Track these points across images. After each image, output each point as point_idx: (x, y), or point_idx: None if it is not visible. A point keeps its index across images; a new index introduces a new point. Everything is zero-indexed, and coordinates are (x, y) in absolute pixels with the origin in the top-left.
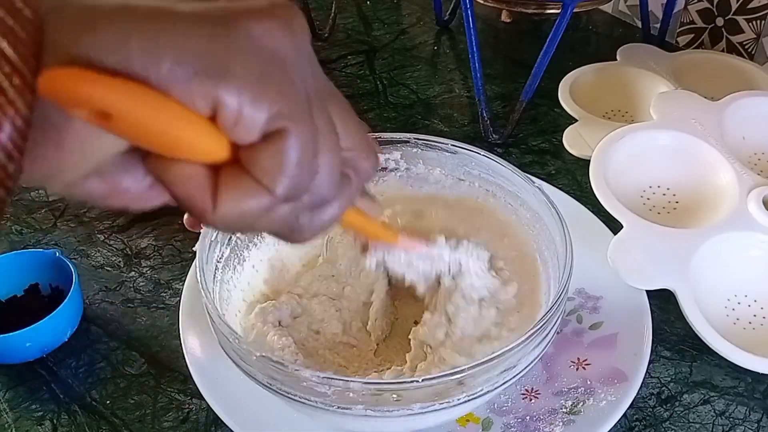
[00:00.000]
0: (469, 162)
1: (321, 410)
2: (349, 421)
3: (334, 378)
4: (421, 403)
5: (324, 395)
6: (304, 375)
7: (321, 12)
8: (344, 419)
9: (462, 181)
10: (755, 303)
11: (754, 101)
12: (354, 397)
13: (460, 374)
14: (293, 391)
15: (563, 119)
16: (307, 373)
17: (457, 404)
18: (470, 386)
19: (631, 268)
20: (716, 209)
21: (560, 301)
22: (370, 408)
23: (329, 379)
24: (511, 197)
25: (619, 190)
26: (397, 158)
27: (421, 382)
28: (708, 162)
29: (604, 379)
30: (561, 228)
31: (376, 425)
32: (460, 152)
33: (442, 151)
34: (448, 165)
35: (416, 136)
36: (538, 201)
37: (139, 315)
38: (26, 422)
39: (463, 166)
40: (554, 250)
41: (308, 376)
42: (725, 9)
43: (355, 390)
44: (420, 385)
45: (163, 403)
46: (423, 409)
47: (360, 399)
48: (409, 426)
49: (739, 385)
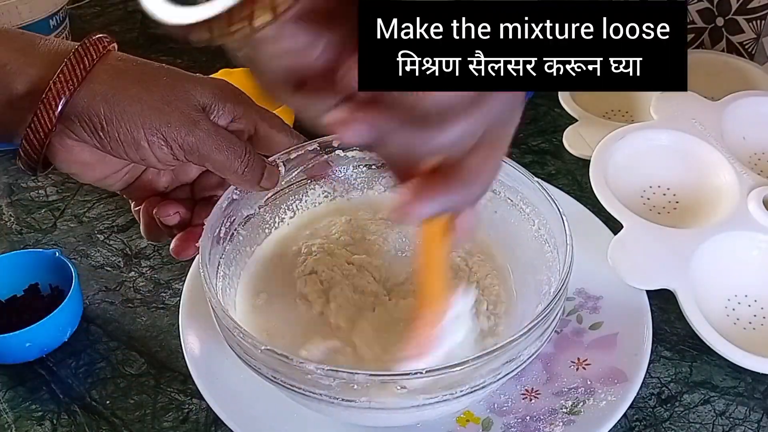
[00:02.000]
0: None
1: (325, 403)
2: (354, 414)
3: (339, 370)
4: (426, 394)
5: (329, 387)
6: (308, 368)
7: None
8: (349, 412)
9: None
10: (755, 303)
11: (754, 101)
12: (359, 390)
13: (462, 366)
14: (297, 383)
15: (563, 119)
16: (312, 366)
17: (460, 395)
18: (473, 378)
19: (631, 268)
20: (716, 209)
21: (563, 288)
22: (375, 400)
23: (334, 371)
24: (511, 192)
25: (619, 190)
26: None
27: (424, 373)
28: (708, 162)
29: (604, 379)
30: (561, 221)
31: (381, 418)
32: None
33: None
34: None
35: None
36: (538, 197)
37: (138, 315)
38: (26, 422)
39: None
40: (554, 243)
41: (313, 369)
42: (725, 9)
43: (359, 382)
44: (424, 376)
45: (162, 403)
46: (427, 401)
47: (364, 391)
48: (411, 418)
49: (739, 385)
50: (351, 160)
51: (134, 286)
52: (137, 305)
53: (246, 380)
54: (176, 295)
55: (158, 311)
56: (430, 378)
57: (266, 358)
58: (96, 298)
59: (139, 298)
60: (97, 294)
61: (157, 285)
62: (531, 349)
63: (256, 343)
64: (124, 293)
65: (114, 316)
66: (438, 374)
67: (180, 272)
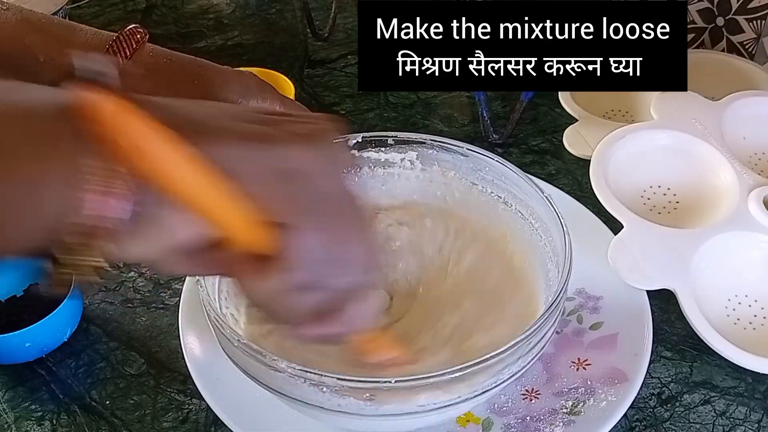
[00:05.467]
0: (479, 164)
1: (300, 404)
2: (353, 421)
3: (309, 371)
4: (425, 396)
5: (300, 388)
6: (280, 366)
7: (321, 12)
8: (350, 419)
9: (474, 185)
10: (756, 303)
11: (755, 101)
12: (353, 397)
13: (461, 371)
14: (268, 382)
15: (563, 119)
16: (283, 364)
17: (458, 402)
18: (470, 384)
19: (632, 268)
20: (716, 209)
21: (563, 290)
22: (372, 405)
23: (303, 371)
24: (511, 196)
25: (619, 190)
26: (413, 158)
27: (423, 378)
28: (708, 162)
29: (604, 380)
30: (559, 224)
31: (374, 425)
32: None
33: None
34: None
35: (432, 138)
36: (535, 200)
37: (138, 315)
38: (26, 422)
39: (476, 171)
40: (552, 246)
41: (284, 367)
42: (725, 9)
43: (328, 385)
44: (424, 378)
45: (162, 404)
46: (423, 407)
47: (358, 396)
48: (408, 425)
49: (740, 386)
50: (366, 161)
51: (134, 286)
52: (137, 305)
53: (246, 380)
54: (176, 295)
55: (158, 311)
56: (431, 382)
57: (241, 354)
58: (96, 298)
59: (138, 298)
60: (97, 294)
61: (156, 285)
62: (532, 353)
63: (233, 336)
64: (123, 293)
65: (114, 316)
66: (439, 379)
67: None
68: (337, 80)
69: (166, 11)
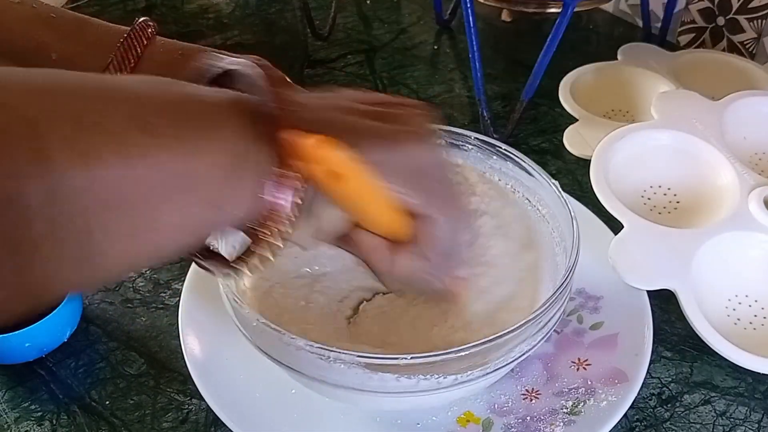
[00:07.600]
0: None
1: (318, 382)
2: (375, 399)
3: (328, 349)
4: (452, 373)
5: (320, 367)
6: (299, 344)
7: (321, 11)
8: (375, 398)
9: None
10: (756, 303)
11: (755, 101)
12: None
13: (474, 348)
14: (285, 359)
15: (564, 119)
16: (302, 342)
17: (470, 380)
18: (481, 361)
19: (632, 268)
20: (717, 209)
21: (569, 276)
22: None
23: (322, 349)
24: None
25: (619, 190)
26: None
27: (443, 354)
28: (709, 162)
29: (604, 380)
30: (566, 209)
31: (380, 402)
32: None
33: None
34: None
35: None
36: (551, 197)
37: (138, 315)
38: (26, 422)
39: (485, 161)
40: (560, 231)
41: (302, 345)
42: (726, 8)
43: (347, 362)
44: (445, 355)
45: (162, 404)
46: (433, 386)
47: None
48: (411, 403)
49: (740, 386)
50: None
51: (134, 286)
52: (137, 305)
53: (246, 380)
54: (176, 295)
55: (158, 311)
56: (451, 358)
57: (260, 333)
58: (95, 298)
59: (138, 298)
60: (97, 294)
61: (156, 285)
62: (536, 337)
63: (251, 315)
64: (123, 293)
65: (113, 317)
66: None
67: (179, 272)
68: (337, 80)
69: (166, 11)
